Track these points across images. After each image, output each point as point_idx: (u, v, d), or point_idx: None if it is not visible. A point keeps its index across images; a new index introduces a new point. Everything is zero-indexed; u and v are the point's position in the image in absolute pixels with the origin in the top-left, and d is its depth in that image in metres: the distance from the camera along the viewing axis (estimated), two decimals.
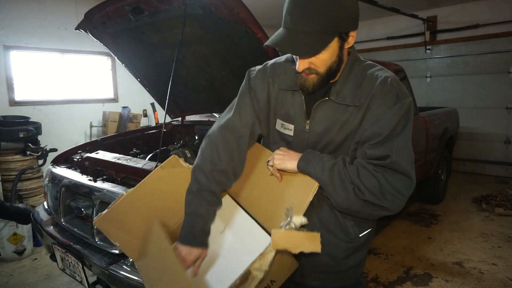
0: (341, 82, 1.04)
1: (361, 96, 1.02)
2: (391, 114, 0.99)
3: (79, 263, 1.85)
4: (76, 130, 5.58)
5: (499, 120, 5.73)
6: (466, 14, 5.86)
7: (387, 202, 0.97)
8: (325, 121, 1.07)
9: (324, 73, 1.00)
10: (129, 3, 2.02)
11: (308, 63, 0.98)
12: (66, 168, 2.36)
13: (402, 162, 0.97)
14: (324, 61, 0.97)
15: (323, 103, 1.07)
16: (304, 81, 1.02)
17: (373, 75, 1.04)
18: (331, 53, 0.97)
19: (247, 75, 1.22)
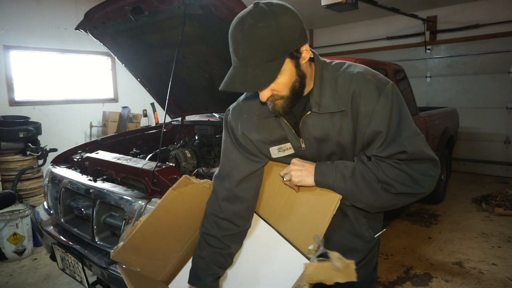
0: (317, 91, 1.01)
1: (342, 100, 1.00)
2: (381, 109, 0.97)
3: (79, 263, 1.85)
4: (76, 130, 5.58)
5: (499, 120, 5.73)
6: (466, 14, 5.86)
7: (421, 187, 0.98)
8: (317, 134, 1.05)
9: (289, 95, 0.97)
10: (129, 3, 2.02)
11: (270, 90, 0.95)
12: (66, 168, 2.36)
13: (418, 149, 0.96)
14: (284, 84, 0.95)
15: (308, 117, 1.04)
16: (274, 107, 1.00)
17: (345, 74, 1.02)
18: (289, 74, 0.94)
19: (224, 119, 1.20)
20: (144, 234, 1.20)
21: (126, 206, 1.73)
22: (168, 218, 1.23)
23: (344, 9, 3.96)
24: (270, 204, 1.18)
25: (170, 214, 1.23)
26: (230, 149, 1.17)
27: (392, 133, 0.97)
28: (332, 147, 1.06)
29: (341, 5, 3.79)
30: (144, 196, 1.73)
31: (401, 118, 0.98)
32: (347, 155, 1.07)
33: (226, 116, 1.20)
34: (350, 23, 7.20)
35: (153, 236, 1.22)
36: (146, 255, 1.24)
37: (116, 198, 1.79)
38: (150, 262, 1.24)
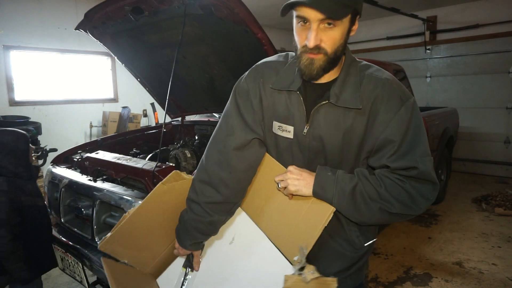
0: (339, 84, 1.01)
1: (362, 99, 0.99)
2: (399, 119, 0.97)
3: (79, 263, 1.86)
4: (76, 130, 5.58)
5: (499, 120, 5.73)
6: (466, 14, 5.86)
7: (416, 209, 0.98)
8: (326, 126, 1.03)
9: (332, 55, 0.95)
10: (129, 3, 2.02)
11: (320, 40, 0.93)
12: (66, 168, 2.36)
13: (427, 170, 0.97)
14: (334, 40, 0.94)
15: (322, 106, 1.02)
16: (310, 63, 0.96)
17: (371, 77, 1.02)
18: (342, 32, 0.94)
19: (234, 87, 1.17)
20: (132, 226, 1.19)
21: (126, 206, 1.73)
22: (157, 212, 1.23)
23: None
24: (261, 208, 1.16)
25: (159, 207, 1.22)
26: (232, 114, 1.13)
27: (407, 146, 0.97)
28: (334, 142, 1.04)
29: None
30: (144, 196, 1.73)
31: (418, 134, 0.99)
32: (347, 154, 1.05)
33: (238, 83, 1.17)
34: None
35: (142, 229, 1.22)
36: (134, 247, 1.23)
37: (116, 198, 1.79)
38: (138, 254, 1.24)
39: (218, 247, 1.21)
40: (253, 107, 1.11)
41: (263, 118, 1.12)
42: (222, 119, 1.15)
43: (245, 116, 1.10)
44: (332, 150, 1.05)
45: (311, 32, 0.92)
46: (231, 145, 1.09)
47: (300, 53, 0.97)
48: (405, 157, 0.97)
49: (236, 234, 1.19)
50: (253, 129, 1.10)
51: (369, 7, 4.97)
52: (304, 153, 1.09)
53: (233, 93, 1.16)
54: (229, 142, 1.10)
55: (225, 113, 1.16)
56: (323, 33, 0.92)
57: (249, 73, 1.16)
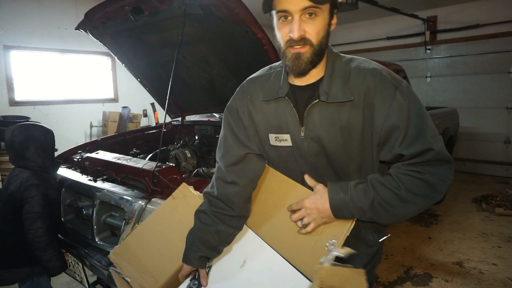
0: (327, 81, 1.01)
1: (353, 92, 0.98)
2: (398, 104, 0.96)
3: (79, 263, 1.85)
4: (76, 130, 5.58)
5: (499, 120, 5.73)
6: (466, 14, 5.86)
7: (440, 194, 0.97)
8: (322, 125, 1.02)
9: (317, 46, 0.95)
10: (129, 3, 2.02)
11: (304, 31, 0.93)
12: (66, 168, 2.36)
13: (442, 149, 0.96)
14: (318, 30, 0.94)
15: (314, 106, 1.01)
16: (296, 57, 0.96)
17: (359, 69, 1.01)
18: (323, 22, 0.95)
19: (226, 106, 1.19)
20: (139, 240, 1.19)
21: (126, 206, 1.72)
22: (165, 228, 1.22)
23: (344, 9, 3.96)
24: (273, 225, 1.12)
25: (166, 223, 1.21)
26: (225, 134, 1.17)
27: (415, 129, 0.96)
28: (333, 140, 1.02)
29: (341, 5, 3.79)
30: (144, 196, 1.73)
31: (423, 115, 0.98)
32: (350, 152, 1.03)
33: (228, 103, 1.19)
34: (350, 23, 7.20)
35: (148, 244, 1.21)
36: (137, 266, 1.21)
37: (116, 198, 1.79)
38: (141, 276, 1.21)
39: (229, 272, 1.15)
40: (244, 123, 1.13)
41: (256, 133, 1.13)
42: (220, 139, 1.19)
43: (237, 134, 1.14)
44: (333, 149, 1.04)
45: (294, 24, 0.93)
46: (227, 163, 1.14)
47: (284, 49, 0.97)
48: (417, 141, 0.95)
49: (247, 257, 1.14)
50: (246, 144, 1.13)
51: (369, 7, 4.97)
52: (305, 158, 1.08)
53: (225, 112, 1.19)
54: (225, 160, 1.15)
55: (221, 133, 1.20)
56: (305, 24, 0.93)
57: (236, 92, 1.18)
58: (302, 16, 0.93)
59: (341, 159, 1.05)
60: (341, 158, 1.05)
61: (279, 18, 0.95)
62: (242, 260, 1.14)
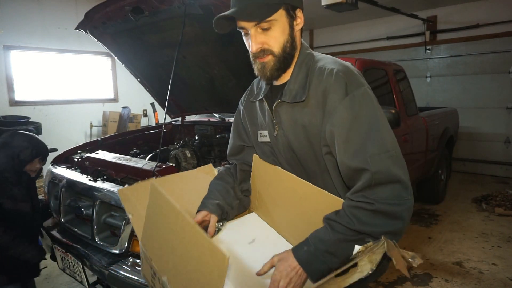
0: (292, 81, 1.04)
1: (314, 92, 0.98)
2: (342, 109, 0.92)
3: (79, 263, 1.85)
4: (76, 130, 5.58)
5: (499, 120, 5.73)
6: (466, 14, 5.86)
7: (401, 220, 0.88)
8: (288, 124, 1.05)
9: (280, 53, 0.99)
10: (129, 3, 2.02)
11: (261, 43, 0.98)
12: (66, 168, 2.36)
13: (383, 168, 0.87)
14: (276, 38, 0.98)
15: (280, 106, 1.06)
16: (262, 67, 1.01)
17: (321, 69, 1.00)
18: (281, 29, 0.98)
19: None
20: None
21: None
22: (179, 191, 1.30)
23: (344, 9, 3.96)
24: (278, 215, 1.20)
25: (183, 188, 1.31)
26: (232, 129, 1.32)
27: (356, 142, 0.90)
28: (297, 139, 1.05)
29: (341, 5, 3.79)
30: None
31: (369, 129, 0.90)
32: (315, 151, 1.03)
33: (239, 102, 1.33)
34: (350, 23, 7.20)
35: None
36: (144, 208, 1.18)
37: (116, 198, 1.79)
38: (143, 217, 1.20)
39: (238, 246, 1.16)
40: (242, 121, 1.28)
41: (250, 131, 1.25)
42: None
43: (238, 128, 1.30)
44: (299, 148, 1.06)
45: (250, 39, 0.99)
46: (228, 153, 1.32)
47: (252, 61, 1.04)
48: (357, 156, 0.89)
49: (256, 237, 1.20)
50: (243, 139, 1.27)
51: (369, 7, 4.97)
52: (281, 154, 1.13)
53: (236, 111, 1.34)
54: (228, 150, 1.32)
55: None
56: (262, 36, 0.98)
57: (243, 95, 1.31)
58: (258, 29, 0.98)
59: (307, 159, 1.06)
60: (307, 158, 1.06)
61: (243, 34, 1.03)
62: (251, 239, 1.18)
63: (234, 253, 1.15)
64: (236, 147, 1.28)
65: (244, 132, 1.27)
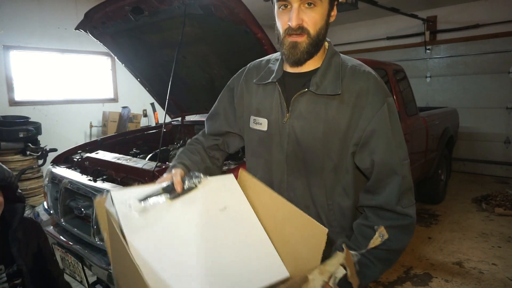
0: (321, 73, 1.02)
1: (344, 89, 0.99)
2: (383, 113, 0.98)
3: (79, 263, 1.85)
4: (76, 130, 5.58)
5: (499, 120, 5.73)
6: (466, 14, 5.86)
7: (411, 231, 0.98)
8: (307, 115, 1.02)
9: (315, 37, 0.98)
10: (129, 3, 2.02)
11: (302, 20, 0.96)
12: (66, 168, 2.36)
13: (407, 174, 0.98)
14: (316, 20, 0.97)
15: (302, 95, 1.02)
16: (293, 46, 0.98)
17: (355, 69, 1.03)
18: (322, 13, 0.97)
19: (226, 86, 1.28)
20: None
21: None
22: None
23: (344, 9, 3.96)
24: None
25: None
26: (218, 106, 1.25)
27: (395, 146, 0.98)
28: (314, 133, 1.01)
29: (341, 5, 3.79)
30: None
31: (401, 136, 1.01)
32: (329, 148, 1.01)
33: (230, 80, 1.27)
34: (350, 23, 7.20)
35: None
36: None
37: None
38: None
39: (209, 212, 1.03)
40: (234, 103, 1.20)
41: (242, 115, 1.18)
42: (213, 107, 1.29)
43: (227, 110, 1.22)
44: (312, 142, 1.02)
45: (292, 12, 0.95)
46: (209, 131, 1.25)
47: (283, 38, 1.00)
48: (395, 157, 0.97)
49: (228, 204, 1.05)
50: (231, 124, 1.21)
51: (369, 7, 4.97)
52: (283, 146, 1.07)
53: (224, 88, 1.27)
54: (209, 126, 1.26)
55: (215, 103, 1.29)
56: (304, 13, 0.96)
57: (238, 72, 1.25)
58: (301, 6, 0.95)
59: (317, 155, 1.02)
60: (317, 154, 1.02)
61: (279, 7, 0.98)
62: (223, 206, 1.05)
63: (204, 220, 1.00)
64: (221, 131, 1.23)
65: (232, 116, 1.21)
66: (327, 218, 1.06)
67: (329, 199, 1.05)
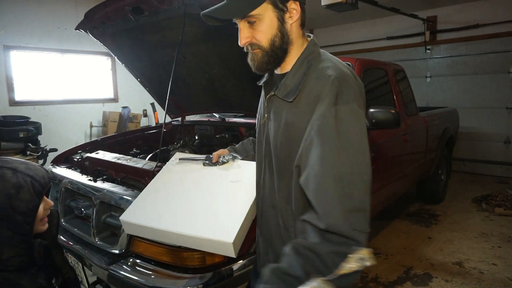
0: (289, 76, 0.98)
1: (307, 94, 0.93)
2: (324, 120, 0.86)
3: (79, 263, 1.85)
4: (76, 130, 5.58)
5: (499, 120, 5.73)
6: (466, 14, 5.86)
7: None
8: (274, 118, 1.01)
9: (268, 48, 0.96)
10: (129, 3, 2.02)
11: (249, 37, 0.96)
12: (66, 168, 2.36)
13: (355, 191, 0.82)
14: (263, 32, 0.94)
15: (272, 98, 1.03)
16: (251, 58, 1.00)
17: (320, 73, 0.93)
18: (268, 23, 0.94)
19: None
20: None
21: (126, 206, 1.72)
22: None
23: (344, 9, 3.96)
24: None
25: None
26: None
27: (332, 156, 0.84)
28: (278, 136, 1.00)
29: (341, 5, 3.79)
30: None
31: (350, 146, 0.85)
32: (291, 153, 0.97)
33: None
34: (350, 23, 7.20)
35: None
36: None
37: (116, 198, 1.79)
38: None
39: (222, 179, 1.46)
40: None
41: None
42: None
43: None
44: (276, 144, 1.01)
45: (239, 33, 0.98)
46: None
47: (247, 52, 1.03)
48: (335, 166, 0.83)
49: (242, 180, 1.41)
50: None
51: (369, 7, 4.97)
52: (261, 143, 1.12)
53: None
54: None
55: None
56: (251, 29, 0.96)
57: None
58: (245, 23, 0.96)
59: (281, 158, 1.00)
60: (281, 157, 1.00)
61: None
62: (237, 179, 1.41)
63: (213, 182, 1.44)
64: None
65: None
66: (285, 222, 1.02)
67: (288, 203, 1.01)
